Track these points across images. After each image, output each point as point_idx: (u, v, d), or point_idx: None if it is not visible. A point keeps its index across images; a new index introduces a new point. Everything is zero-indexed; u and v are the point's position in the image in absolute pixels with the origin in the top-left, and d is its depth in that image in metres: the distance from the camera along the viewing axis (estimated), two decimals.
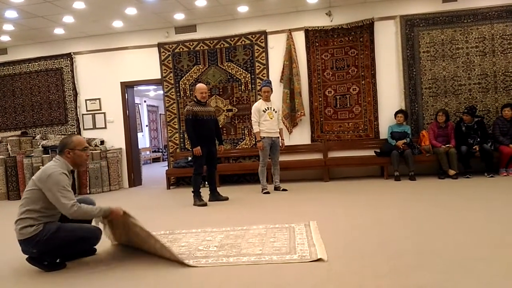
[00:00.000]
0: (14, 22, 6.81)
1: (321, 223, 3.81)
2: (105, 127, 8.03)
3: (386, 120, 6.98)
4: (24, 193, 2.92)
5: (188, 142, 7.20)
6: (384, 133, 6.96)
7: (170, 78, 7.68)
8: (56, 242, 2.77)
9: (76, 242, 2.86)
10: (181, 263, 2.81)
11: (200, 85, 5.56)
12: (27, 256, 2.88)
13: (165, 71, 7.70)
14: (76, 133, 8.07)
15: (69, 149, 2.98)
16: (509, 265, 2.44)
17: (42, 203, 2.80)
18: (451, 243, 2.96)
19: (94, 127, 8.06)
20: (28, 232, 2.75)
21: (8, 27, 7.03)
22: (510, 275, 2.28)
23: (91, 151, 7.42)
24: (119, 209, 2.95)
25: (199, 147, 5.26)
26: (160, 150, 16.38)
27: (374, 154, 6.90)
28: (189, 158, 7.10)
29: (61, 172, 2.86)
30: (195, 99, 5.48)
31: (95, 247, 3.16)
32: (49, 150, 7.30)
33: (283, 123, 7.01)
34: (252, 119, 5.91)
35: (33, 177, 2.91)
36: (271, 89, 6.03)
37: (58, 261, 2.92)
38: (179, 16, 7.10)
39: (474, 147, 6.25)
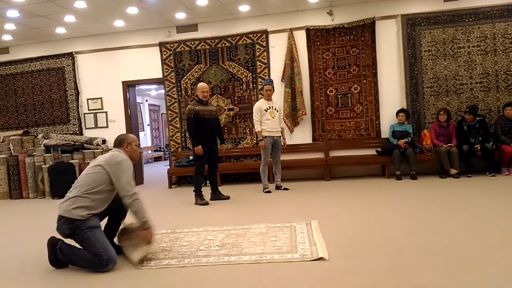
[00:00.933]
0: (16, 21, 6.82)
1: (322, 222, 3.82)
2: (107, 126, 8.05)
3: (388, 119, 6.97)
4: (85, 170, 3.02)
5: (189, 141, 7.21)
6: (385, 132, 6.96)
7: (172, 77, 7.69)
8: (83, 237, 2.82)
9: (90, 250, 2.81)
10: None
11: (202, 84, 5.56)
12: (51, 236, 2.94)
13: (167, 70, 7.71)
14: (78, 132, 8.09)
15: (127, 143, 3.16)
16: (510, 264, 2.44)
17: (101, 186, 2.90)
18: (452, 242, 2.97)
19: (96, 126, 8.08)
20: (78, 214, 2.82)
21: (9, 26, 7.04)
22: (511, 275, 2.28)
23: (93, 151, 7.44)
24: (150, 236, 2.99)
25: (200, 146, 5.27)
26: (162, 149, 16.40)
27: (376, 153, 6.90)
28: (191, 157, 7.11)
29: (130, 162, 3.03)
30: (196, 98, 5.49)
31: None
32: (51, 149, 7.32)
33: (285, 122, 7.02)
34: (253, 118, 5.91)
35: (97, 161, 3.01)
36: (273, 88, 6.03)
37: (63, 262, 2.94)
38: (181, 16, 7.10)
39: (475, 146, 6.24)
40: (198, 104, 5.40)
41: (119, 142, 3.18)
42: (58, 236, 2.96)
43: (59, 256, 2.90)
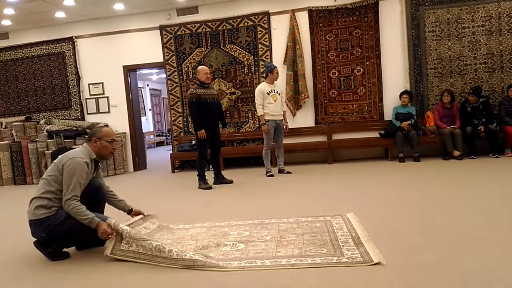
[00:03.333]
0: (15, 6, 6.75)
1: (325, 204, 3.83)
2: (109, 112, 8.03)
3: (391, 101, 6.93)
4: (44, 174, 2.89)
5: (191, 126, 7.19)
6: (388, 115, 6.92)
7: (173, 61, 7.63)
8: (65, 229, 2.72)
9: (85, 231, 2.75)
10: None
11: (203, 67, 5.49)
12: (34, 240, 2.85)
13: (168, 54, 7.64)
14: (80, 117, 8.08)
15: (96, 137, 2.93)
16: None
17: (58, 186, 2.76)
18: (456, 223, 2.97)
19: (98, 112, 8.06)
20: (41, 213, 2.72)
21: (9, 11, 6.96)
22: None
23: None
24: (104, 226, 2.69)
25: (203, 130, 5.25)
26: (164, 134, 16.41)
27: (379, 135, 6.88)
28: (193, 142, 7.10)
29: (84, 161, 2.80)
30: (198, 82, 5.42)
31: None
32: (54, 135, 7.32)
33: (287, 105, 6.98)
34: (256, 102, 5.87)
35: (55, 160, 2.88)
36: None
37: (63, 250, 2.87)
38: None
39: (479, 128, 6.21)
40: (200, 87, 5.34)
41: (89, 137, 2.99)
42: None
43: (54, 246, 2.80)
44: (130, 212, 3.14)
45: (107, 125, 2.63)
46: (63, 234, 2.76)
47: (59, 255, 2.82)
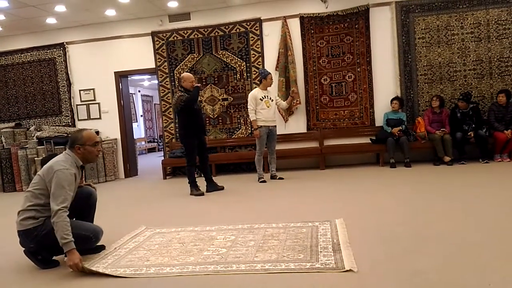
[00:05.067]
0: (5, 12, 6.70)
1: (316, 210, 3.83)
2: (100, 118, 7.98)
3: (382, 107, 6.98)
4: (30, 185, 2.83)
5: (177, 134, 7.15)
6: (379, 121, 6.96)
7: (165, 67, 7.62)
8: (53, 238, 2.60)
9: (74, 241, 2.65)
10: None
11: (188, 74, 5.40)
12: (24, 249, 2.82)
13: (159, 60, 7.64)
14: (70, 124, 8.01)
15: (79, 144, 2.83)
16: (505, 250, 2.47)
17: (45, 198, 2.69)
18: (447, 228, 2.99)
19: (89, 118, 8.01)
20: (28, 224, 2.69)
21: None
22: (506, 260, 2.30)
23: None
24: (76, 261, 2.53)
25: (190, 141, 5.25)
26: (156, 140, 16.34)
27: (370, 141, 6.92)
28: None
29: (70, 172, 2.72)
30: (181, 89, 5.32)
31: (103, 245, 3.02)
32: (44, 142, 7.25)
33: (279, 111, 7.00)
34: (248, 107, 5.87)
35: (40, 171, 2.82)
36: None
37: (53, 258, 2.83)
38: (173, 4, 7.01)
39: (469, 134, 6.27)
40: (186, 95, 5.25)
41: (71, 144, 2.87)
42: None
43: (43, 254, 2.76)
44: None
45: (85, 129, 2.45)
46: (52, 243, 2.66)
47: (49, 263, 2.78)
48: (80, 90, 8.04)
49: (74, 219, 2.87)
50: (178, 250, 2.91)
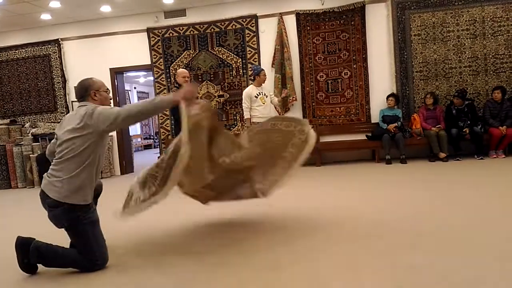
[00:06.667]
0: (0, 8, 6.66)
1: (313, 205, 3.84)
2: None
3: (378, 104, 6.99)
4: (61, 147, 2.52)
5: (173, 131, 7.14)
6: (375, 117, 6.98)
7: (160, 63, 7.60)
8: (81, 232, 2.49)
9: (85, 248, 2.52)
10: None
11: (182, 70, 5.45)
12: (17, 241, 2.55)
13: (155, 56, 7.61)
14: None
15: (94, 90, 2.65)
16: (500, 246, 2.49)
17: (91, 156, 2.48)
18: (442, 224, 3.00)
19: None
20: (80, 198, 2.46)
21: None
22: (501, 256, 2.32)
23: None
24: (189, 88, 2.55)
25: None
26: (152, 137, 16.30)
27: (366, 138, 6.94)
28: None
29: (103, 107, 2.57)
30: (176, 85, 5.38)
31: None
32: (39, 138, 7.22)
33: (275, 108, 7.00)
34: (243, 105, 5.84)
35: (69, 131, 2.48)
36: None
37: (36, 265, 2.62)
38: (168, 0, 6.98)
39: (464, 130, 6.30)
40: None
41: (84, 91, 2.64)
42: (23, 234, 2.61)
43: (32, 259, 2.52)
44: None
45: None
46: (75, 234, 2.53)
47: (31, 269, 2.59)
48: (75, 87, 7.97)
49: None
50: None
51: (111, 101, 2.44)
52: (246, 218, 3.69)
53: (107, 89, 2.79)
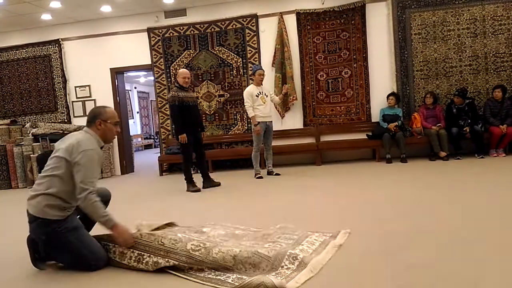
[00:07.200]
0: (0, 8, 6.67)
1: (314, 204, 3.84)
2: None
3: (378, 103, 6.99)
4: (47, 169, 2.55)
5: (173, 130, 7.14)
6: (376, 116, 6.97)
7: (161, 63, 7.60)
8: (64, 241, 2.50)
9: (76, 256, 2.53)
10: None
11: (183, 70, 5.45)
12: (28, 238, 2.63)
13: (155, 56, 7.61)
14: (66, 121, 7.98)
15: (101, 119, 2.63)
16: (500, 245, 2.48)
17: (72, 185, 2.49)
18: (442, 223, 3.00)
19: (85, 114, 7.96)
20: (53, 214, 2.47)
21: None
22: (501, 255, 2.32)
23: None
24: (127, 236, 2.51)
25: (185, 135, 5.18)
26: (152, 137, 16.31)
27: (366, 137, 6.93)
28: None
29: (97, 152, 2.58)
30: (177, 85, 5.37)
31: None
32: (40, 138, 7.23)
33: (276, 108, 7.01)
34: (245, 104, 5.84)
35: (58, 153, 2.54)
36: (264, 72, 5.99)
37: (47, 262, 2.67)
38: (169, 0, 6.98)
39: (464, 129, 6.30)
40: (180, 90, 5.26)
41: (91, 119, 2.65)
42: (23, 234, 2.66)
43: (44, 255, 2.59)
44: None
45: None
46: (59, 246, 2.53)
47: (41, 264, 2.64)
48: (75, 87, 8.00)
49: (78, 216, 2.73)
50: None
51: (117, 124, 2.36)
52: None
53: (117, 121, 2.77)
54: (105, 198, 2.87)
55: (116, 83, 7.93)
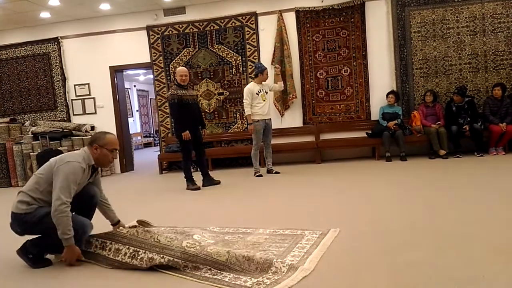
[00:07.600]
0: None
1: (313, 201, 3.84)
2: (95, 113, 7.95)
3: (378, 101, 6.99)
4: (38, 170, 2.77)
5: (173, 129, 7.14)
6: (375, 114, 6.97)
7: (160, 61, 7.59)
8: (39, 228, 2.63)
9: (55, 231, 2.58)
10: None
11: (180, 68, 5.46)
12: (17, 250, 2.75)
13: (155, 54, 7.60)
14: (66, 119, 7.97)
15: (98, 144, 2.77)
16: (498, 242, 2.49)
17: (47, 186, 2.65)
18: (441, 221, 3.01)
19: (84, 113, 7.97)
20: (21, 208, 2.64)
21: None
22: (500, 252, 2.32)
23: (81, 137, 7.36)
24: (74, 258, 2.63)
25: (187, 132, 5.19)
26: (152, 135, 16.30)
27: (366, 135, 6.94)
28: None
29: (80, 166, 2.68)
30: (176, 83, 5.37)
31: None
32: (39, 137, 7.22)
33: (275, 106, 7.01)
34: (244, 101, 5.84)
35: (52, 159, 2.74)
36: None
37: (45, 257, 2.77)
38: None
39: (464, 127, 6.30)
40: (179, 88, 5.27)
41: (91, 142, 2.82)
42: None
43: (31, 249, 2.69)
44: (116, 224, 3.07)
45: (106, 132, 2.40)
46: (38, 233, 2.70)
47: (40, 262, 2.70)
48: (75, 85, 7.99)
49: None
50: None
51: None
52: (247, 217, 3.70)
53: (114, 149, 2.85)
54: (94, 201, 2.95)
55: (116, 81, 7.92)
